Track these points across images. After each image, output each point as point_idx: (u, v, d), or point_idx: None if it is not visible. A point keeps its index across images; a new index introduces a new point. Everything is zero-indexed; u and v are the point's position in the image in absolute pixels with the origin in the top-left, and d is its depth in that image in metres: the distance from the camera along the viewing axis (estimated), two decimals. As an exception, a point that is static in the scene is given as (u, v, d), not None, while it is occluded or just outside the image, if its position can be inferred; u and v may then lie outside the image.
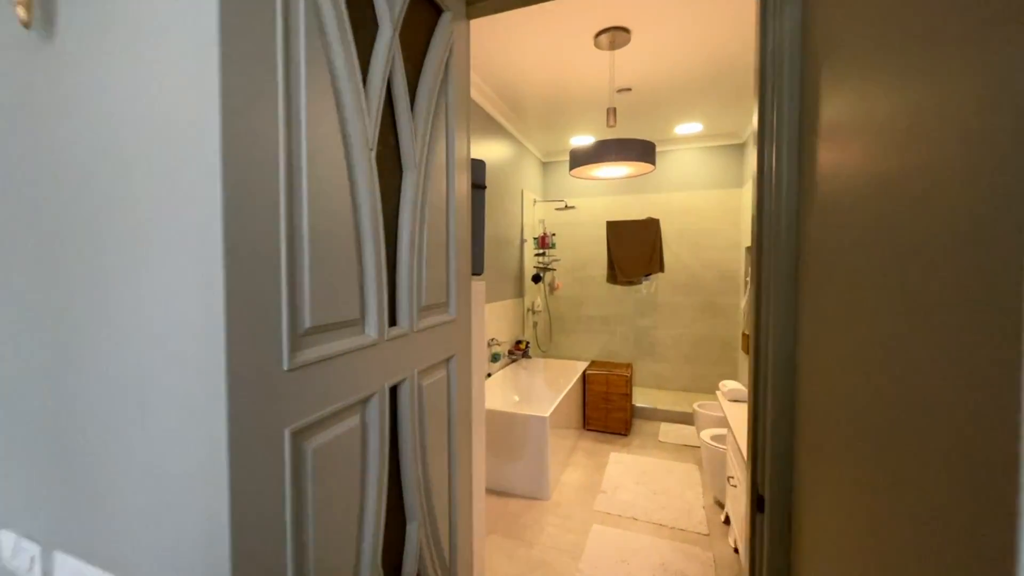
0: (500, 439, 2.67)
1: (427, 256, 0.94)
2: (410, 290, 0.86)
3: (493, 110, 3.62)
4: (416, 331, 0.89)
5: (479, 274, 1.47)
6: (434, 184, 0.97)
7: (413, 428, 0.88)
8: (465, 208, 1.13)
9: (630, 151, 2.22)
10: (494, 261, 3.64)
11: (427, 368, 0.95)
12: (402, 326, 0.86)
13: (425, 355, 0.93)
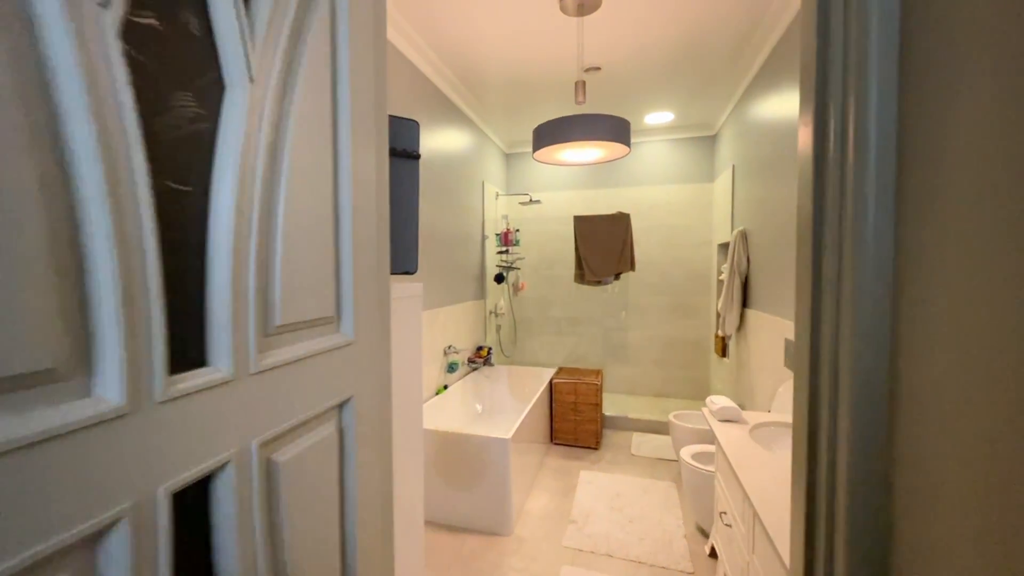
0: (454, 465, 2.30)
1: (285, 245, 0.56)
2: (234, 301, 0.48)
3: (451, 92, 3.24)
4: (254, 372, 0.51)
5: (410, 272, 1.10)
6: (302, 124, 0.59)
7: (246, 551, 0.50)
8: (374, 177, 0.76)
9: (602, 128, 1.89)
10: (452, 259, 3.26)
11: (287, 431, 0.57)
12: (216, 367, 0.48)
13: (278, 409, 0.55)
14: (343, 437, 0.68)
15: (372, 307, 0.74)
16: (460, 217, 3.47)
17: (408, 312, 1.12)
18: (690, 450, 2.37)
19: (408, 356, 1.14)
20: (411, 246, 1.10)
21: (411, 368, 1.15)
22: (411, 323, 1.14)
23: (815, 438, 0.59)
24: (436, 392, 3.01)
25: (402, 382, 1.12)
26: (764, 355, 2.61)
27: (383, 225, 0.79)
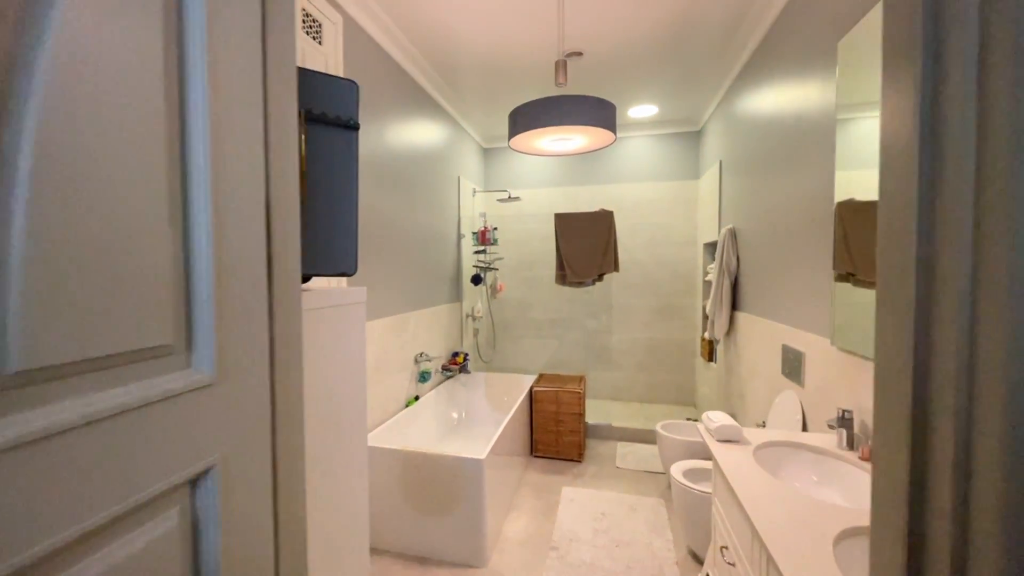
0: (421, 488, 2.06)
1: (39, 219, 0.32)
2: None
3: (424, 80, 3.01)
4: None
5: (347, 274, 0.86)
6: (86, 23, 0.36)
7: None
8: (262, 138, 0.52)
9: (585, 112, 1.69)
10: (424, 260, 3.02)
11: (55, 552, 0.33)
12: None
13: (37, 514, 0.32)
14: (199, 527, 0.45)
15: (254, 327, 0.51)
16: (434, 214, 3.23)
17: (345, 323, 0.89)
18: (681, 467, 2.18)
19: (346, 375, 0.90)
20: (348, 241, 0.86)
21: (350, 389, 0.91)
22: (349, 335, 0.91)
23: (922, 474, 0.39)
24: (406, 404, 2.76)
25: (339, 405, 0.89)
26: (757, 361, 2.44)
27: (286, 208, 0.56)
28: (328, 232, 0.83)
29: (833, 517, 1.03)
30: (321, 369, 0.82)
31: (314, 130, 0.81)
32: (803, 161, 1.89)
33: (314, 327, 0.79)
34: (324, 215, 0.83)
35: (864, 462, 1.33)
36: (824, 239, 1.69)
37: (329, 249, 0.84)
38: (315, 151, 0.81)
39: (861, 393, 1.45)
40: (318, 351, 0.81)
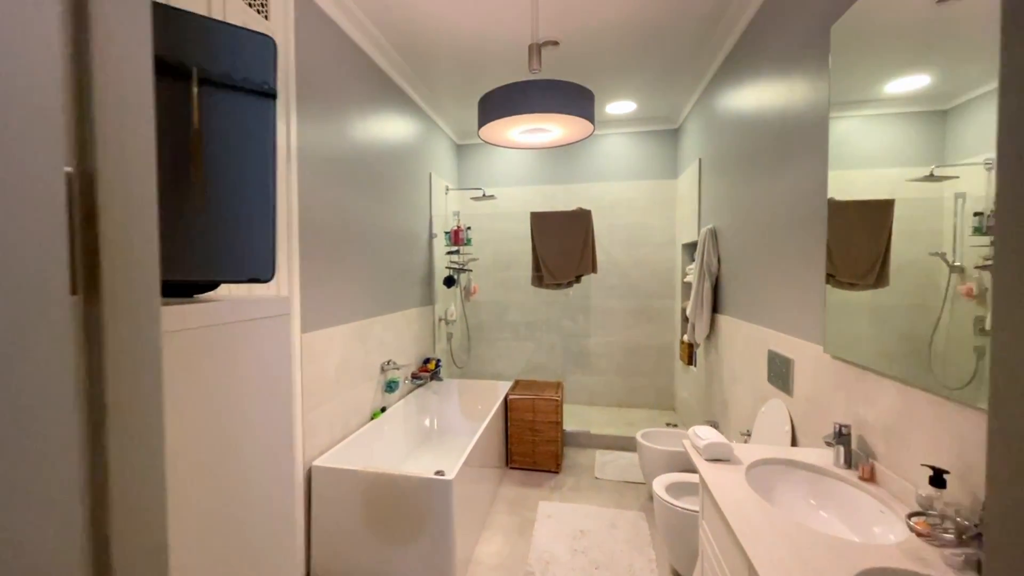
0: (384, 513, 1.87)
1: None
2: None
3: (393, 71, 2.82)
4: None
5: (261, 280, 0.68)
6: None
7: None
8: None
9: (562, 98, 1.53)
10: (393, 261, 2.82)
11: None
12: None
13: None
14: None
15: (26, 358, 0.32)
16: (403, 213, 3.03)
17: (263, 339, 0.71)
18: (663, 482, 2.05)
19: (264, 402, 0.72)
20: (261, 240, 0.68)
21: (270, 420, 0.73)
22: (269, 353, 0.73)
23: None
24: (371, 416, 2.56)
25: (252, 441, 0.70)
26: (740, 367, 2.34)
27: (136, 196, 0.38)
28: (234, 228, 0.65)
29: (844, 555, 0.90)
30: (227, 401, 0.63)
31: (213, 96, 0.63)
32: (792, 158, 1.79)
33: (215, 347, 0.61)
34: (228, 207, 0.64)
35: (865, 483, 1.22)
36: (815, 240, 1.59)
37: (235, 249, 0.66)
38: (214, 123, 0.63)
39: (859, 406, 1.33)
40: (221, 377, 0.62)
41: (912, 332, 1.14)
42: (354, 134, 2.38)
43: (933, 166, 1.09)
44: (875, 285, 1.28)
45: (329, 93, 2.14)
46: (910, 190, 1.16)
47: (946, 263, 1.05)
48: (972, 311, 0.98)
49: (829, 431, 1.49)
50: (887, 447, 1.21)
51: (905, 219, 1.18)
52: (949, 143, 1.04)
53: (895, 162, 1.21)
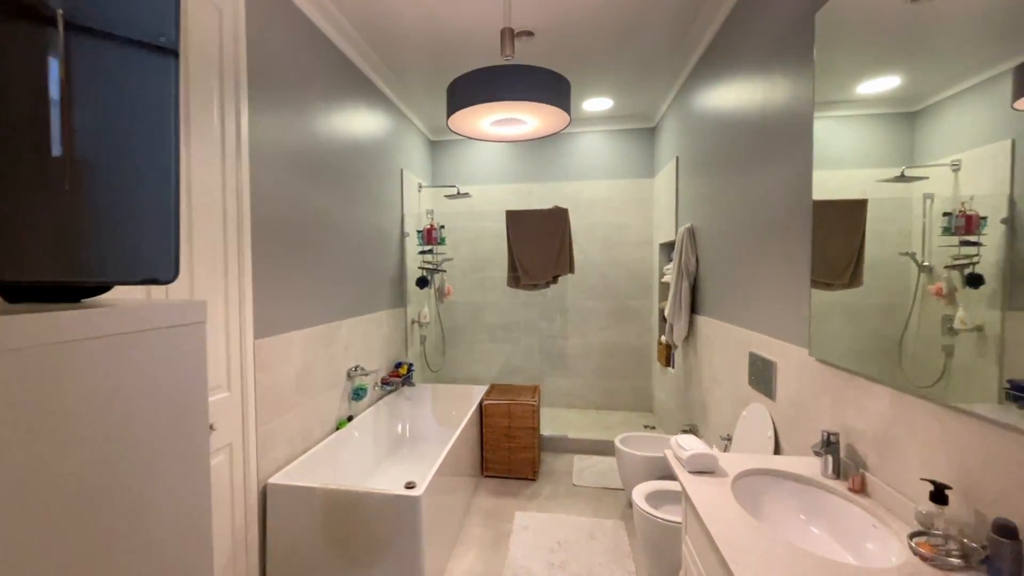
0: (347, 533, 1.73)
1: None
2: None
3: (362, 62, 2.68)
4: None
5: (160, 282, 0.55)
6: None
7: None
8: None
9: (537, 84, 1.42)
10: (362, 261, 2.66)
11: None
12: None
13: None
14: None
15: None
16: (373, 210, 2.88)
17: (167, 352, 0.57)
18: (643, 491, 1.97)
19: (165, 424, 0.59)
20: (159, 233, 0.55)
21: (172, 445, 0.60)
22: (173, 368, 0.59)
23: None
24: (337, 427, 2.40)
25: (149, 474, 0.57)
26: (720, 369, 2.28)
27: None
28: (121, 219, 0.52)
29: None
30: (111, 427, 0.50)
31: (87, 48, 0.49)
32: (771, 157, 1.73)
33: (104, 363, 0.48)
34: (110, 191, 0.51)
35: (855, 494, 1.15)
36: (799, 240, 1.52)
37: (122, 245, 0.52)
38: (90, 84, 0.49)
39: (848, 412, 1.27)
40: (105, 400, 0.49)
41: (883, 331, 1.15)
42: (318, 127, 2.22)
43: (903, 167, 1.10)
44: (849, 285, 1.28)
45: (288, 81, 1.99)
46: (881, 190, 1.17)
47: (916, 263, 1.06)
48: (940, 310, 0.99)
49: (814, 437, 1.43)
50: (879, 457, 1.15)
51: (877, 219, 1.20)
52: (918, 145, 1.06)
53: (867, 163, 1.22)
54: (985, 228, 0.89)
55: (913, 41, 1.06)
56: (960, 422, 0.91)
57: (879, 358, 1.15)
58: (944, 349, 0.97)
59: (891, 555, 0.95)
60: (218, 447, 1.57)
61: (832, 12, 1.31)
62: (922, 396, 1.01)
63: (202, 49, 1.49)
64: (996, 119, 0.85)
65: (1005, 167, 0.84)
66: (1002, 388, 0.84)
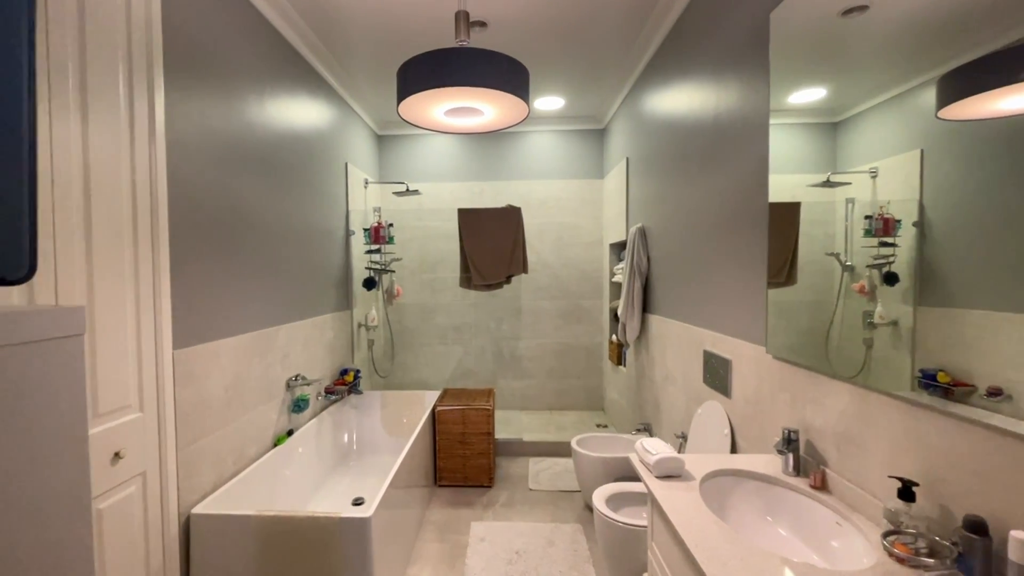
0: (287, 562, 1.55)
1: None
2: None
3: (304, 47, 2.47)
4: None
5: (9, 281, 0.40)
6: None
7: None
8: None
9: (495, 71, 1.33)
10: (302, 260, 2.44)
11: None
12: None
13: None
14: None
15: None
16: (315, 206, 2.66)
17: (26, 372, 0.43)
18: (602, 494, 1.93)
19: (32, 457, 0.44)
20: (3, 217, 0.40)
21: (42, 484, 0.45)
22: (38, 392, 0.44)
23: None
24: (275, 443, 2.19)
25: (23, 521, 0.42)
26: (673, 367, 2.30)
27: None
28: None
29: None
30: None
31: None
32: (725, 158, 1.75)
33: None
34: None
35: (816, 491, 1.16)
36: (755, 240, 1.54)
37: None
38: None
39: (806, 410, 1.28)
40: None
41: (812, 327, 1.23)
42: (253, 115, 2.01)
43: (829, 173, 1.18)
44: (786, 283, 1.34)
45: (216, 63, 1.77)
46: (811, 195, 1.25)
47: (840, 263, 1.14)
48: (862, 306, 1.06)
49: (771, 434, 1.44)
50: (839, 453, 1.16)
51: (807, 222, 1.27)
52: (841, 152, 1.14)
53: (799, 168, 1.29)
54: (900, 231, 0.96)
55: (840, 55, 1.13)
56: (924, 418, 0.92)
57: (808, 351, 1.24)
58: (865, 342, 1.05)
59: (860, 554, 0.95)
60: (126, 478, 1.35)
61: (786, 10, 1.32)
62: (883, 392, 1.02)
63: (100, 10, 1.27)
64: (908, 131, 0.93)
65: (916, 175, 0.91)
66: (914, 377, 0.91)
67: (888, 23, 0.98)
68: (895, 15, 0.96)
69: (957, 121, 0.83)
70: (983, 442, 0.79)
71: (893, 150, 0.97)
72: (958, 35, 0.82)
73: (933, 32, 0.87)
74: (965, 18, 0.81)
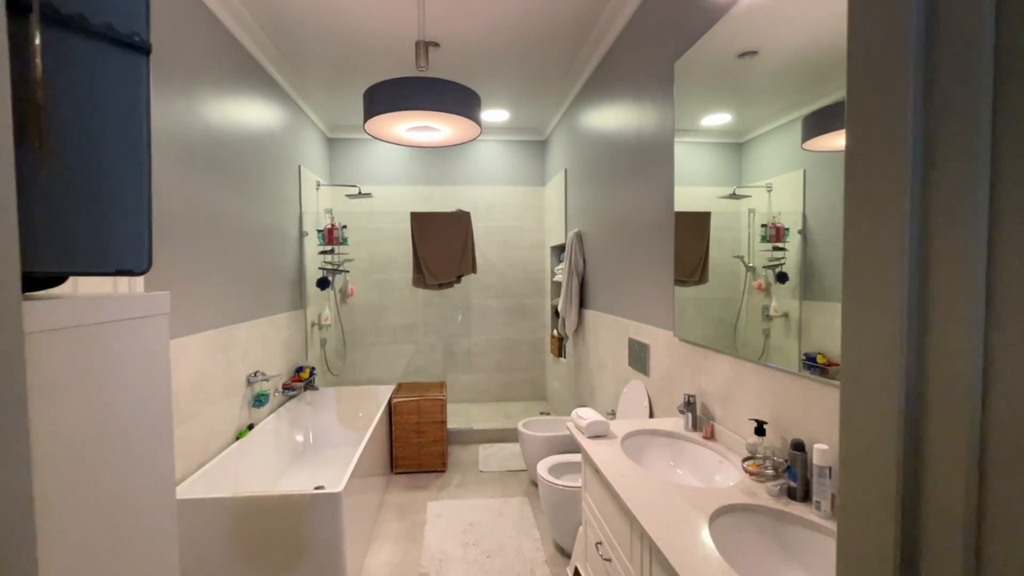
0: (261, 541, 1.69)
1: None
2: None
3: (256, 50, 2.54)
4: None
5: (135, 272, 0.59)
6: None
7: None
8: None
9: (453, 98, 1.57)
10: (258, 260, 2.53)
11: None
12: None
13: None
14: None
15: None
16: (268, 207, 2.74)
17: (135, 343, 0.61)
18: (547, 464, 2.22)
19: (138, 417, 0.62)
20: (133, 223, 0.59)
21: (145, 436, 0.64)
22: (141, 361, 0.63)
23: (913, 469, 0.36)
24: (237, 436, 2.27)
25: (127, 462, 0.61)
26: (605, 354, 2.64)
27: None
28: (95, 208, 0.56)
29: (699, 499, 1.11)
30: (92, 418, 0.54)
31: (62, 42, 0.53)
32: (644, 173, 2.08)
33: (77, 354, 0.52)
34: (84, 182, 0.55)
35: (707, 440, 1.49)
36: (665, 244, 1.88)
37: (98, 235, 0.56)
38: (64, 77, 0.53)
39: (702, 379, 1.62)
40: (85, 390, 0.53)
41: (724, 319, 1.46)
42: (206, 114, 2.09)
43: (735, 187, 1.40)
44: (700, 282, 1.60)
45: (169, 63, 1.85)
46: (720, 205, 1.47)
47: (744, 264, 1.35)
48: (761, 301, 1.29)
49: (679, 401, 1.78)
50: (723, 410, 1.50)
51: (717, 228, 1.50)
52: (744, 169, 1.35)
53: (711, 182, 1.52)
54: (788, 237, 1.19)
55: (739, 88, 1.37)
56: (774, 377, 1.26)
57: (721, 340, 1.48)
58: (764, 332, 1.28)
59: (730, 478, 1.28)
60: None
61: (686, 62, 1.66)
62: (749, 359, 1.36)
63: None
64: (794, 153, 1.16)
65: (800, 191, 1.14)
66: (800, 359, 1.15)
67: (773, 65, 1.21)
68: (776, 60, 1.20)
69: (815, 152, 1.08)
70: (804, 390, 1.14)
71: (784, 169, 1.17)
72: (816, 85, 1.07)
73: (803, 79, 1.11)
74: (819, 74, 1.07)
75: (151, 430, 0.63)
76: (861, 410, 0.38)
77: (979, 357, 0.30)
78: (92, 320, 0.53)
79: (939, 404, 0.33)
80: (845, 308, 0.39)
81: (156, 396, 0.65)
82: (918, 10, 0.33)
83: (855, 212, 0.38)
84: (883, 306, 0.36)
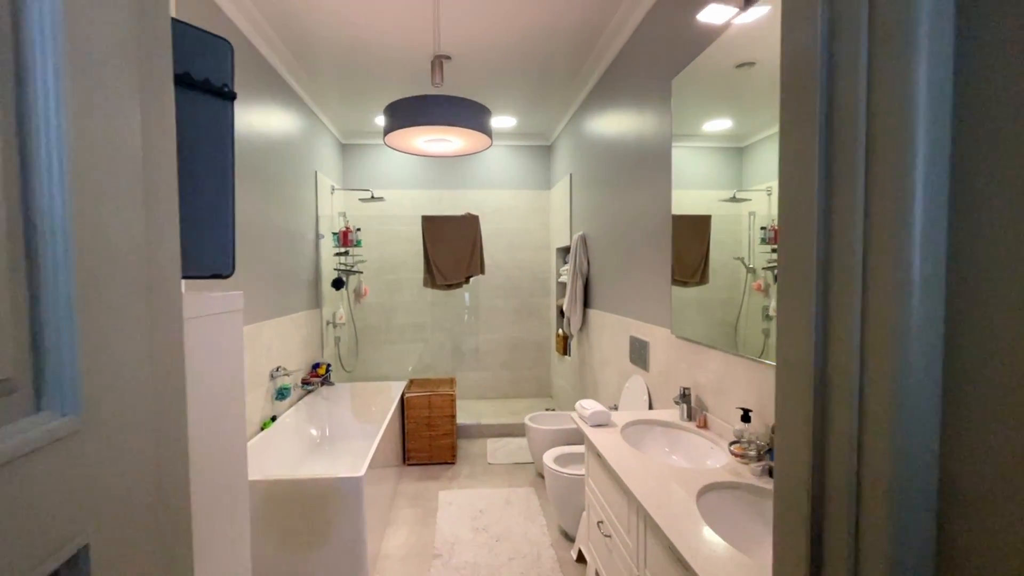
0: (288, 520, 1.84)
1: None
2: None
3: (276, 60, 2.69)
4: None
5: (223, 276, 0.74)
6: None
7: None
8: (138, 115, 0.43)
9: (467, 114, 1.71)
10: (279, 262, 2.68)
11: None
12: None
13: None
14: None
15: (132, 347, 0.40)
16: (288, 211, 2.90)
17: (223, 333, 0.75)
18: (552, 454, 2.35)
19: (226, 398, 0.77)
20: (222, 236, 0.73)
21: (230, 414, 0.78)
22: (227, 347, 0.77)
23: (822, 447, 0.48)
24: (261, 427, 2.42)
25: (220, 437, 0.75)
26: (608, 352, 2.76)
27: (163, 191, 0.46)
28: (198, 224, 0.70)
29: (690, 479, 1.24)
30: (199, 394, 0.68)
31: (179, 95, 0.68)
32: (644, 179, 2.21)
33: (189, 342, 0.66)
34: (193, 203, 0.69)
35: (700, 429, 1.62)
36: (663, 246, 2.00)
37: (200, 246, 0.70)
38: (179, 120, 0.67)
39: (696, 373, 1.75)
40: (194, 371, 0.67)
41: (725, 319, 1.55)
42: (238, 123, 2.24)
43: (735, 190, 1.47)
44: (701, 282, 1.70)
45: (210, 83, 2.00)
46: (721, 208, 1.55)
47: (744, 265, 1.42)
48: (761, 302, 1.36)
49: (676, 393, 1.91)
50: (715, 400, 1.63)
51: (718, 231, 1.57)
52: (744, 173, 1.41)
53: (712, 186, 1.58)
54: None
55: (738, 96, 1.43)
56: (759, 370, 1.39)
57: (722, 339, 1.55)
58: (764, 332, 1.33)
59: (719, 461, 1.41)
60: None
61: (683, 79, 1.78)
62: (739, 355, 1.48)
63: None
64: None
65: None
66: None
67: (771, 75, 1.28)
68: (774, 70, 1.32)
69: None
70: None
71: (784, 172, 1.30)
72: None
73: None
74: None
75: (232, 396, 0.78)
76: (788, 384, 0.51)
77: (857, 345, 0.44)
78: (209, 312, 0.68)
79: (836, 379, 0.46)
80: (779, 304, 0.52)
81: (235, 371, 0.79)
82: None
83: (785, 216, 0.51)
84: (802, 301, 0.49)
